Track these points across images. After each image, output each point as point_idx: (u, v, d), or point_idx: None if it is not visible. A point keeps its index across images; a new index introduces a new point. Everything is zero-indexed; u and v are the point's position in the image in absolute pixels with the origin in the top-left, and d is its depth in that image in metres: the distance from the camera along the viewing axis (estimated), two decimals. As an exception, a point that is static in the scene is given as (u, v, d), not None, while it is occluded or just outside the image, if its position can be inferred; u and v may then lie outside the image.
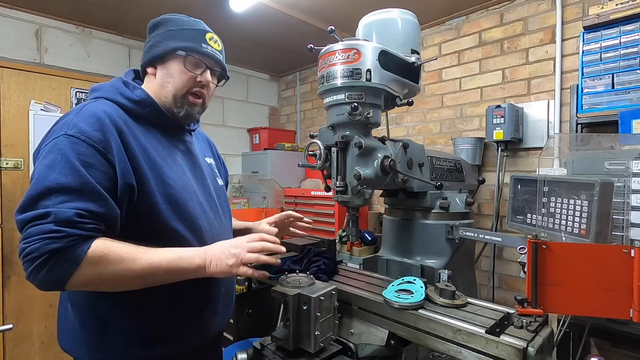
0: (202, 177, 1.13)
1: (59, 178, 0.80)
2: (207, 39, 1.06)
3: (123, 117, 0.95)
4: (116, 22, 2.90)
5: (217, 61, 1.08)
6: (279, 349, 1.01)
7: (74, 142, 0.84)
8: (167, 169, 0.99)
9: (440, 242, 1.44)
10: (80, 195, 0.80)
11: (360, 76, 1.13)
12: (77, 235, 0.78)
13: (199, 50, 1.03)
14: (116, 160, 0.87)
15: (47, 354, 2.67)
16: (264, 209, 2.96)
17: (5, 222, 2.53)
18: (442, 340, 0.94)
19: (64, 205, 0.78)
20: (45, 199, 0.79)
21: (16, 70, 2.60)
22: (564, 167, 1.63)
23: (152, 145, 0.99)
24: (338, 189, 1.18)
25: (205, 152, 1.26)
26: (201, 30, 1.07)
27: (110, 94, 0.98)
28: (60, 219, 0.77)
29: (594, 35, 1.87)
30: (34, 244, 0.76)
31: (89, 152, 0.84)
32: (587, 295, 0.93)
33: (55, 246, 0.75)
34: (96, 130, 0.87)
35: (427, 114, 2.97)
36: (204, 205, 1.07)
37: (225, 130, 3.89)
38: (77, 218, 0.78)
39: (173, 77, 1.03)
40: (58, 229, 0.76)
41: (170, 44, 1.02)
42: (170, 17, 1.08)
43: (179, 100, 1.04)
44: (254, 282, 1.79)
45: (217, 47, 1.08)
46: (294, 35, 3.09)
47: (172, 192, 0.97)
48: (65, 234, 0.76)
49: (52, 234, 0.76)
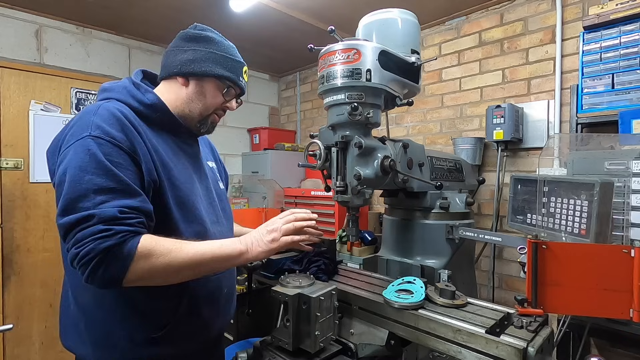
0: (206, 181, 1.16)
1: (93, 179, 0.82)
2: (243, 72, 1.13)
3: (136, 119, 0.97)
4: (116, 22, 2.90)
5: (243, 91, 1.16)
6: (279, 349, 1.01)
7: (101, 143, 0.85)
8: (176, 171, 1.01)
9: (440, 242, 1.44)
10: (117, 193, 0.83)
11: (360, 76, 1.13)
12: (125, 231, 0.81)
13: (238, 83, 1.10)
14: (142, 159, 0.90)
15: (47, 354, 2.67)
16: (264, 209, 2.96)
17: (5, 222, 2.53)
18: (442, 340, 0.94)
19: (104, 205, 0.80)
20: (84, 200, 0.80)
21: (16, 70, 2.60)
22: (564, 167, 1.63)
23: (163, 147, 1.01)
24: (338, 189, 1.18)
25: (207, 156, 1.28)
26: (241, 63, 1.13)
27: (121, 96, 0.99)
28: (105, 218, 0.79)
29: (594, 35, 1.87)
30: (87, 246, 0.77)
31: (115, 152, 0.86)
32: (587, 295, 0.93)
33: (108, 244, 0.78)
34: (119, 131, 0.89)
35: (427, 114, 2.97)
36: (207, 209, 1.10)
37: (225, 130, 3.89)
38: (120, 215, 0.81)
39: (206, 97, 1.07)
40: (106, 227, 0.78)
41: (216, 69, 1.05)
42: (214, 37, 1.09)
43: (204, 118, 1.10)
44: (254, 282, 1.79)
45: (246, 79, 1.16)
46: (294, 35, 3.09)
47: (181, 195, 1.00)
48: (115, 231, 0.79)
49: (102, 233, 0.78)
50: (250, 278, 1.68)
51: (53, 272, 2.65)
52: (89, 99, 2.94)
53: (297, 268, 1.40)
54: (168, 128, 1.06)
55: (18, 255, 2.57)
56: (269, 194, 3.37)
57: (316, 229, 1.10)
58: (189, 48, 1.06)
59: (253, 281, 1.76)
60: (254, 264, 1.54)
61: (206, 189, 1.14)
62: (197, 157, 1.16)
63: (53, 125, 2.73)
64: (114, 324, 0.95)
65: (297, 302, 0.97)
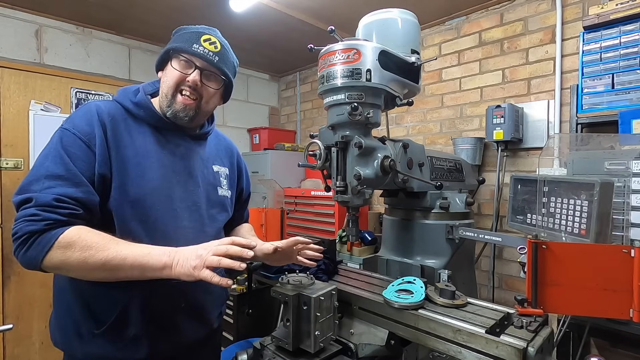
0: (191, 183, 1.11)
1: (50, 166, 0.89)
2: (201, 41, 1.05)
3: (117, 115, 1.02)
4: (116, 22, 2.90)
5: (208, 61, 1.05)
6: (279, 349, 1.01)
7: (66, 134, 0.94)
8: (143, 168, 1.00)
9: (440, 242, 1.44)
10: (64, 181, 0.88)
11: (360, 76, 1.13)
12: (52, 219, 0.84)
13: (188, 50, 1.03)
14: (97, 150, 0.94)
15: (47, 354, 2.67)
16: (264, 209, 2.96)
17: (5, 222, 2.53)
18: (442, 340, 0.94)
19: (47, 190, 0.86)
20: (35, 184, 0.87)
21: (16, 70, 2.61)
22: (564, 167, 1.63)
23: (139, 144, 1.02)
24: (338, 189, 1.18)
25: (217, 159, 1.24)
26: (196, 32, 1.06)
27: (119, 97, 1.08)
28: (40, 203, 0.84)
29: (594, 35, 1.87)
30: (18, 226, 0.84)
31: (76, 143, 0.93)
32: (587, 295, 0.93)
33: (33, 228, 0.83)
34: (85, 124, 0.96)
35: (427, 114, 2.97)
36: (177, 212, 1.05)
37: (225, 130, 3.89)
38: (55, 202, 0.85)
39: (167, 77, 1.07)
40: (37, 212, 0.84)
41: (168, 47, 1.07)
42: (181, 27, 1.11)
43: (169, 99, 1.06)
44: (254, 282, 1.79)
45: (212, 48, 1.06)
46: (294, 35, 3.09)
47: (140, 192, 0.98)
48: (42, 217, 0.83)
49: (32, 217, 0.83)
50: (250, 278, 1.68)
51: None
52: (89, 99, 2.94)
53: (297, 268, 1.40)
54: (153, 124, 1.07)
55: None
56: (269, 194, 3.37)
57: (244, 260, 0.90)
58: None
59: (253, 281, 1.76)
60: (254, 264, 1.54)
61: (186, 192, 1.09)
62: (186, 159, 1.12)
63: (53, 125, 2.71)
64: (66, 313, 1.01)
65: (297, 302, 0.97)
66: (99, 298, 0.97)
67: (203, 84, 1.06)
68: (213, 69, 1.07)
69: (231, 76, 1.13)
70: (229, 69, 1.12)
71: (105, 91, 3.02)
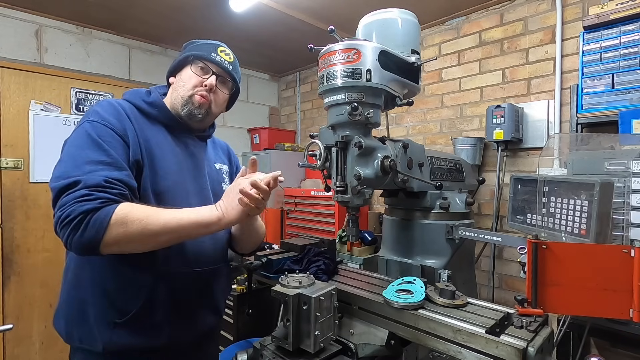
0: (201, 179, 1.19)
1: (87, 153, 0.92)
2: (218, 51, 1.18)
3: (135, 113, 1.08)
4: (116, 22, 2.90)
5: (224, 69, 1.17)
6: (279, 349, 1.01)
7: (96, 125, 0.97)
8: (163, 162, 1.06)
9: (440, 242, 1.44)
10: (107, 165, 0.92)
11: (360, 76, 1.13)
12: (105, 198, 0.87)
13: (207, 57, 1.15)
14: (130, 141, 1.00)
15: (47, 354, 2.67)
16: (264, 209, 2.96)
17: (5, 222, 2.53)
18: (442, 340, 0.94)
19: (92, 173, 0.88)
20: (76, 169, 0.89)
21: (16, 70, 2.61)
22: (564, 167, 1.63)
23: (157, 139, 1.09)
24: (338, 189, 1.18)
25: (217, 158, 1.33)
26: (214, 44, 1.20)
27: (131, 97, 1.14)
28: (90, 184, 0.87)
29: (594, 35, 1.87)
30: (69, 209, 0.84)
31: (107, 133, 0.97)
32: (587, 295, 0.93)
33: (88, 207, 0.84)
34: (113, 116, 1.01)
35: (427, 114, 2.97)
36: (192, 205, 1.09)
37: (225, 130, 3.89)
38: (104, 183, 0.88)
39: (183, 80, 1.16)
40: (89, 192, 0.86)
41: (186, 54, 1.17)
42: (194, 40, 1.22)
43: (185, 99, 1.14)
44: (254, 282, 1.79)
45: (227, 58, 1.19)
46: (294, 35, 3.09)
47: (162, 184, 1.05)
48: (95, 196, 0.86)
49: (84, 197, 0.85)
50: (250, 278, 1.68)
51: (53, 272, 2.65)
52: (89, 99, 2.94)
53: (297, 268, 1.40)
54: (166, 124, 1.14)
55: (18, 255, 2.57)
56: (269, 194, 3.37)
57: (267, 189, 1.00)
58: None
59: (253, 281, 1.76)
60: (254, 264, 1.54)
61: (199, 187, 1.17)
62: (195, 156, 1.19)
63: (53, 125, 2.73)
64: (83, 307, 1.00)
65: (297, 302, 0.97)
66: (122, 288, 1.00)
67: (217, 88, 1.17)
68: (227, 76, 1.20)
69: (238, 85, 1.26)
70: (239, 78, 1.25)
71: (105, 91, 3.02)
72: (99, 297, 1.00)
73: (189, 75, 1.15)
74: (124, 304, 0.99)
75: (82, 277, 1.02)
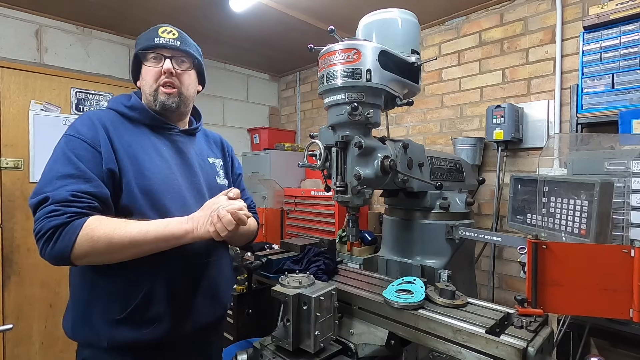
0: (192, 174, 1.19)
1: (59, 168, 0.95)
2: (159, 33, 1.14)
3: (115, 120, 1.10)
4: (116, 22, 2.90)
5: (172, 48, 1.14)
6: (279, 349, 1.01)
7: (70, 139, 1.01)
8: (148, 162, 1.08)
9: (440, 242, 1.44)
10: (75, 178, 0.94)
11: (360, 76, 1.13)
12: (73, 212, 0.90)
13: (150, 45, 1.13)
14: (102, 150, 1.01)
15: (47, 354, 2.67)
16: (264, 209, 2.96)
17: (5, 222, 2.53)
18: (442, 340, 0.94)
19: (61, 189, 0.92)
20: (48, 186, 0.93)
21: (16, 70, 2.60)
22: (564, 167, 1.63)
23: (140, 142, 1.10)
24: (338, 189, 1.18)
25: (210, 152, 1.32)
26: (154, 28, 1.16)
27: (113, 104, 1.16)
28: (57, 200, 0.90)
29: (594, 35, 1.87)
30: (40, 224, 0.89)
31: (81, 146, 1.00)
32: (587, 295, 0.93)
33: (56, 222, 0.88)
34: (86, 127, 1.03)
35: (427, 114, 2.97)
36: (186, 199, 1.13)
37: (225, 130, 3.89)
38: (71, 197, 0.91)
39: (144, 78, 1.16)
40: (56, 208, 0.90)
41: (134, 54, 1.17)
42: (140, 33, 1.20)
43: (153, 95, 1.15)
44: (254, 282, 1.79)
45: (171, 36, 1.15)
46: (294, 35, 3.09)
47: (149, 183, 1.06)
48: (62, 212, 0.90)
49: (52, 213, 0.89)
50: (250, 278, 1.68)
51: (53, 272, 2.65)
52: (89, 99, 2.94)
53: (297, 268, 1.40)
54: (148, 124, 1.15)
55: (18, 255, 2.57)
56: (269, 194, 3.37)
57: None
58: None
59: (253, 281, 1.76)
60: (254, 264, 1.54)
61: (191, 182, 1.17)
62: (183, 152, 1.19)
63: (53, 125, 2.73)
64: (88, 303, 1.03)
65: (297, 302, 0.97)
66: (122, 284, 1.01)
67: (176, 70, 1.15)
68: (179, 53, 1.16)
69: (198, 57, 1.22)
70: (194, 50, 1.20)
71: (105, 91, 3.02)
72: (101, 296, 1.02)
73: (146, 71, 1.15)
74: (124, 299, 1.01)
75: (85, 278, 1.04)
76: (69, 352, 2.70)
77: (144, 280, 1.02)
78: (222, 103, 3.88)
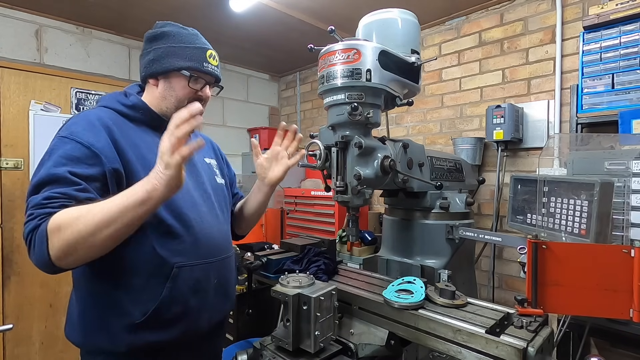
0: (197, 174, 1.19)
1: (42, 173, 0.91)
2: (208, 57, 1.13)
3: (116, 120, 1.05)
4: (116, 22, 2.90)
5: (215, 77, 1.17)
6: (279, 349, 1.01)
7: (64, 141, 0.95)
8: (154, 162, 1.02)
9: (440, 242, 1.44)
10: (60, 183, 0.89)
11: (360, 76, 1.13)
12: (44, 213, 0.85)
13: (201, 70, 1.11)
14: (102, 151, 0.96)
15: (47, 354, 2.67)
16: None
17: (5, 222, 2.53)
18: (442, 340, 0.94)
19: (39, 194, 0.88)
20: (32, 191, 0.90)
21: (16, 70, 2.61)
22: (564, 167, 1.63)
23: (145, 142, 1.07)
24: (338, 189, 1.18)
25: (206, 153, 1.32)
26: (202, 49, 1.13)
27: (109, 102, 1.10)
28: (32, 204, 0.88)
29: (594, 35, 1.87)
30: (24, 233, 0.88)
31: (75, 147, 0.94)
32: (587, 295, 0.93)
33: (30, 227, 0.85)
34: (85, 130, 0.98)
35: (427, 114, 2.97)
36: (195, 199, 1.12)
37: (225, 130, 3.89)
38: (44, 201, 0.87)
39: (175, 90, 1.11)
40: (31, 212, 0.87)
41: (174, 62, 1.09)
42: (170, 31, 1.12)
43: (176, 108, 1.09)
44: (254, 282, 1.79)
45: (215, 63, 1.16)
46: (294, 35, 3.09)
47: None
48: (35, 215, 0.86)
49: (28, 218, 0.87)
50: (250, 278, 1.68)
51: (53, 272, 2.65)
52: (89, 99, 2.94)
53: (297, 268, 1.40)
54: (151, 125, 1.12)
55: (18, 255, 2.57)
56: (269, 194, 3.37)
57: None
58: (151, 49, 1.12)
59: (253, 281, 1.76)
60: (254, 264, 1.54)
61: (196, 182, 1.17)
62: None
63: (53, 125, 2.73)
64: (102, 310, 1.00)
65: (297, 302, 0.97)
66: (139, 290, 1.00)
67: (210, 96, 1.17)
68: (216, 82, 1.19)
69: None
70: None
71: (105, 91, 3.01)
72: (118, 302, 0.99)
73: (182, 87, 1.10)
74: (144, 303, 1.00)
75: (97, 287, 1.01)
76: (69, 352, 2.70)
77: (162, 283, 1.01)
78: (222, 103, 3.88)
